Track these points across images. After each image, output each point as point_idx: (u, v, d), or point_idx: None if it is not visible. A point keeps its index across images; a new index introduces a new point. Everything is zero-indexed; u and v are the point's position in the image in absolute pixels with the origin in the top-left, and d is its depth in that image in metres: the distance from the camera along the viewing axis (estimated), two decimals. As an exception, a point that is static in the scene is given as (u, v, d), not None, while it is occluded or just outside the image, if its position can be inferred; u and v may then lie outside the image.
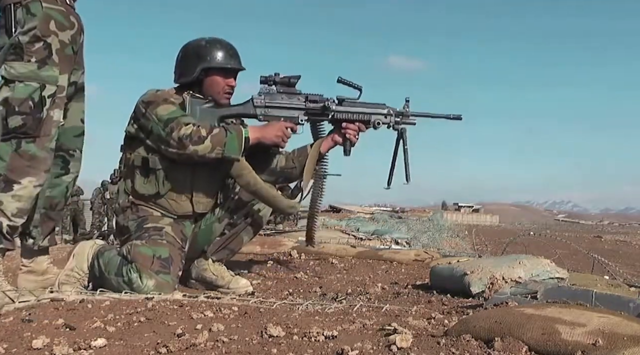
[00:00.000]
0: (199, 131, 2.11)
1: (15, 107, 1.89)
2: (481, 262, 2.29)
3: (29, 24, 1.94)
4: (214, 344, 1.20)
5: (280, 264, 3.23)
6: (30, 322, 1.40)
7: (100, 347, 1.19)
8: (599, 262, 3.82)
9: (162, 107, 2.16)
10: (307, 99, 2.35)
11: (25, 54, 1.92)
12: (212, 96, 2.29)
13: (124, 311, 1.51)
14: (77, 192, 11.98)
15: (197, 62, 2.27)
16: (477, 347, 1.12)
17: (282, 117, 2.31)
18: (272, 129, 2.27)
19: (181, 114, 2.16)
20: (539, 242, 5.65)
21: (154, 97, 2.21)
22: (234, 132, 2.16)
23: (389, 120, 2.39)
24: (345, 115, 2.37)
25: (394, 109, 2.40)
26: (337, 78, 2.35)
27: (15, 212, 1.89)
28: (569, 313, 1.16)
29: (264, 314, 1.55)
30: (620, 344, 1.01)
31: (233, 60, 2.32)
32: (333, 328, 1.28)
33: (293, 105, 2.34)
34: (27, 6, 1.95)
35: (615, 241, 13.40)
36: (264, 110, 2.31)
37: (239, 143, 2.16)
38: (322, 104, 2.35)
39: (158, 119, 2.14)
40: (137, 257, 2.05)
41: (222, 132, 2.14)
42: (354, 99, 2.38)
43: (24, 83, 1.91)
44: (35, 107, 1.93)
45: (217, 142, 2.12)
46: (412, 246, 5.66)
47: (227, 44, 2.35)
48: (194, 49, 2.31)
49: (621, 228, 34.36)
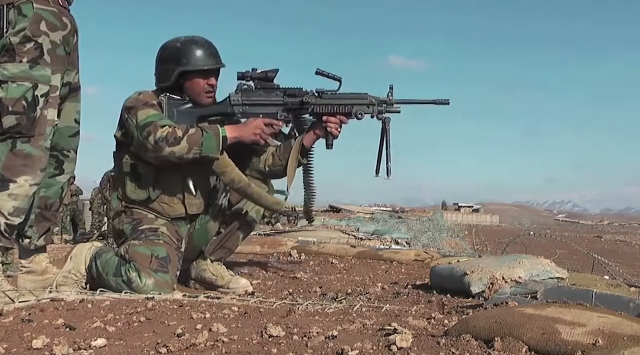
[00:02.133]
0: (174, 132, 2.09)
1: (8, 107, 1.91)
2: (481, 262, 2.29)
3: (20, 25, 1.95)
4: (214, 344, 1.20)
5: (280, 264, 3.23)
6: (30, 322, 1.40)
7: (100, 347, 1.19)
8: (599, 262, 3.82)
9: (141, 111, 2.15)
10: (285, 93, 2.31)
11: (17, 55, 1.94)
12: (193, 97, 2.27)
13: (124, 311, 1.51)
14: (77, 192, 11.98)
15: (174, 66, 2.24)
16: (477, 347, 1.12)
17: (260, 114, 2.28)
18: (250, 127, 2.23)
19: (158, 118, 2.14)
20: (539, 242, 5.65)
21: (134, 102, 2.19)
22: (211, 132, 2.13)
23: (371, 110, 2.32)
24: (325, 108, 2.31)
25: (376, 98, 2.33)
26: (316, 70, 2.31)
27: (12, 211, 1.89)
28: (569, 313, 1.16)
29: (264, 314, 1.55)
30: (620, 344, 1.01)
31: (211, 59, 2.28)
32: (333, 328, 1.28)
33: (271, 101, 2.30)
34: (19, 7, 1.96)
35: (615, 241, 13.40)
36: (241, 108, 2.28)
37: (216, 142, 2.13)
38: (301, 98, 2.30)
39: (137, 124, 2.13)
40: (135, 256, 2.04)
41: (199, 132, 2.12)
42: (334, 90, 2.33)
43: (17, 83, 1.92)
44: (29, 106, 1.95)
45: (194, 142, 2.10)
46: (412, 246, 5.66)
47: (203, 42, 2.30)
48: (170, 51, 2.28)
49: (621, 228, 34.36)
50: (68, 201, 11.44)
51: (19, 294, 1.80)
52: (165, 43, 2.32)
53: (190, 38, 2.30)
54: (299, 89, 2.32)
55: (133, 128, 2.14)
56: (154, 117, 2.14)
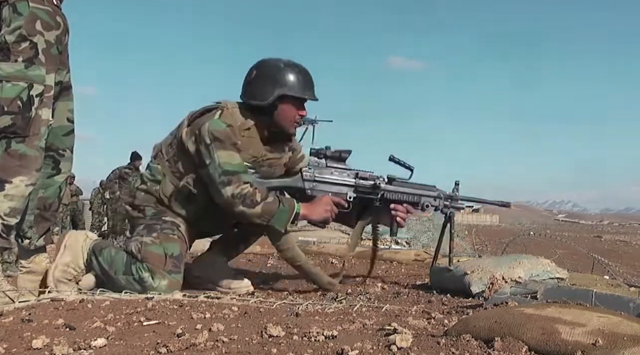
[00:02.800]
0: (254, 194, 2.05)
1: (4, 107, 1.91)
2: (481, 262, 2.29)
3: (15, 23, 1.94)
4: (214, 344, 1.20)
5: (280, 264, 3.23)
6: (30, 322, 1.40)
7: (100, 347, 1.19)
8: (599, 262, 3.82)
9: (228, 153, 2.07)
10: (357, 175, 2.30)
11: (12, 54, 1.93)
12: (282, 123, 2.23)
13: (124, 311, 1.51)
14: (77, 192, 11.98)
15: (273, 87, 2.17)
16: (477, 347, 1.12)
17: (330, 192, 2.26)
18: (321, 206, 2.21)
19: (243, 170, 2.09)
20: (539, 242, 5.65)
21: (224, 136, 2.08)
22: (287, 206, 2.11)
23: (437, 203, 2.34)
24: (395, 195, 2.31)
25: (443, 192, 2.36)
26: (389, 156, 2.31)
27: (8, 212, 1.89)
28: (569, 313, 1.16)
29: (264, 314, 1.55)
30: (620, 344, 1.01)
31: (310, 90, 2.25)
32: (333, 328, 1.28)
33: (343, 182, 2.29)
34: (14, 5, 1.96)
35: (615, 241, 13.39)
36: (312, 184, 2.26)
37: (287, 217, 2.11)
38: (373, 182, 2.29)
39: (219, 165, 2.05)
40: (148, 257, 2.02)
41: (275, 202, 2.09)
42: (404, 179, 2.33)
43: (12, 83, 1.92)
44: (24, 106, 1.94)
45: (268, 211, 2.07)
46: (412, 246, 5.66)
47: (304, 70, 2.27)
48: (271, 70, 2.21)
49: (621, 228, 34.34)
50: (68, 201, 11.45)
51: (19, 294, 1.80)
52: (266, 60, 2.26)
53: (293, 62, 2.25)
54: (370, 172, 2.33)
55: (213, 163, 2.06)
56: (239, 167, 2.08)
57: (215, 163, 2.05)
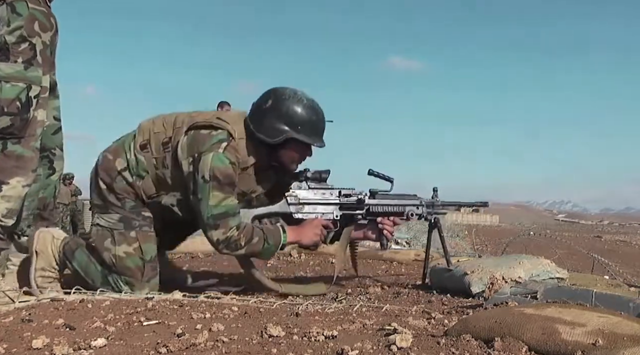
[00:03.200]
0: (238, 240, 2.04)
1: (3, 107, 1.91)
2: (481, 262, 2.29)
3: (15, 23, 1.95)
4: (214, 344, 1.20)
5: (280, 264, 3.23)
6: (30, 322, 1.40)
7: (100, 347, 1.19)
8: (599, 262, 3.82)
9: (223, 195, 2.02)
10: (340, 193, 2.31)
11: (12, 55, 1.94)
12: (284, 161, 2.21)
13: (124, 311, 1.51)
14: (76, 192, 11.97)
15: (285, 126, 2.11)
16: (477, 347, 1.12)
17: (316, 213, 2.27)
18: (310, 230, 2.21)
19: (233, 212, 2.04)
20: (539, 242, 5.65)
21: (224, 176, 2.01)
22: (272, 243, 2.10)
23: (421, 211, 2.36)
24: (380, 208, 2.33)
25: (425, 200, 2.39)
26: (368, 170, 2.33)
27: (5, 213, 1.90)
28: (569, 313, 1.16)
29: (264, 314, 1.55)
30: (620, 344, 1.01)
31: (318, 136, 2.22)
32: (333, 328, 1.28)
33: (327, 201, 2.29)
34: (13, 5, 1.97)
35: (615, 241, 13.39)
36: (298, 207, 2.26)
37: (274, 251, 2.14)
38: (357, 198, 2.30)
39: (211, 207, 2.01)
40: (125, 271, 2.03)
41: (260, 242, 2.08)
42: (386, 191, 2.34)
43: (11, 83, 1.92)
44: (23, 107, 1.95)
45: (252, 252, 2.09)
46: (412, 246, 5.66)
47: (322, 115, 2.22)
48: (287, 109, 2.13)
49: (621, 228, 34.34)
50: (68, 201, 11.44)
51: (19, 294, 1.80)
52: (284, 92, 2.16)
53: (312, 105, 2.17)
54: (352, 189, 2.33)
55: (203, 200, 2.01)
56: (230, 209, 2.04)
57: (208, 203, 2.01)
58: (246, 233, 2.06)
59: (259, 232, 2.09)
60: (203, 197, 2.01)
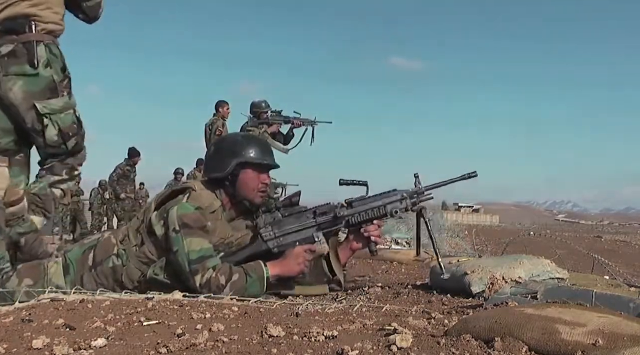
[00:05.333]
0: (217, 279, 2.01)
1: (68, 133, 2.50)
2: (481, 262, 2.29)
3: (56, 64, 2.47)
4: (214, 344, 1.20)
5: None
6: (30, 322, 1.40)
7: (100, 347, 1.19)
8: (599, 262, 3.82)
9: (196, 239, 2.04)
10: (315, 213, 2.25)
11: (59, 91, 2.46)
12: (245, 194, 2.22)
13: (124, 311, 1.51)
14: (77, 192, 11.98)
15: (231, 157, 2.20)
16: (477, 347, 1.12)
17: (296, 241, 2.21)
18: (292, 260, 2.17)
19: (209, 254, 2.06)
20: (539, 242, 5.65)
21: (192, 221, 2.06)
22: (254, 275, 2.06)
23: (404, 204, 2.26)
24: (360, 216, 2.24)
25: (406, 191, 2.28)
26: (339, 181, 2.26)
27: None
28: (569, 313, 1.16)
29: (264, 314, 1.56)
30: (620, 344, 1.01)
31: (268, 157, 2.27)
32: (333, 328, 1.28)
33: (304, 226, 2.23)
34: (49, 46, 2.44)
35: (615, 241, 13.38)
36: (276, 241, 2.20)
37: (260, 286, 2.07)
38: (333, 214, 2.24)
39: (188, 252, 2.02)
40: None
41: (242, 278, 2.04)
42: (362, 196, 2.27)
43: (64, 113, 2.48)
44: (78, 126, 2.55)
45: (237, 289, 2.02)
46: (412, 246, 5.66)
47: (262, 140, 2.35)
48: (228, 143, 2.29)
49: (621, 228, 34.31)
50: (68, 201, 11.42)
51: (19, 293, 1.80)
52: (223, 137, 2.41)
53: (250, 135, 2.39)
54: (327, 205, 2.27)
55: (181, 251, 2.03)
56: (205, 252, 2.05)
57: (184, 251, 2.02)
58: (224, 271, 2.03)
59: (238, 268, 2.07)
60: (178, 248, 2.03)
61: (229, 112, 7.76)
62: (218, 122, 7.54)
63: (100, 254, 2.15)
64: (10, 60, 2.38)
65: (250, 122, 6.64)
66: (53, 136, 2.45)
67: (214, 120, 7.58)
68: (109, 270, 2.11)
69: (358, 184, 2.27)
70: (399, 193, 2.28)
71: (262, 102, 6.80)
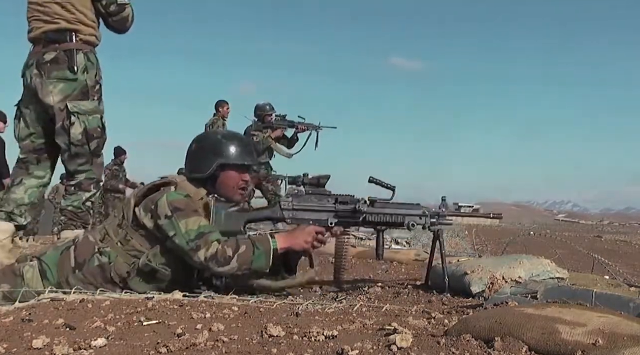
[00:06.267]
0: (224, 252, 1.99)
1: (93, 134, 2.81)
2: (481, 261, 2.29)
3: (92, 71, 2.81)
4: (214, 343, 1.20)
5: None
6: (30, 322, 1.40)
7: (100, 347, 1.19)
8: (599, 262, 3.82)
9: (192, 219, 2.04)
10: (337, 200, 2.25)
11: (90, 95, 2.79)
12: (225, 192, 2.23)
13: (124, 311, 1.51)
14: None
15: (213, 158, 2.20)
16: (477, 347, 1.12)
17: (311, 220, 2.22)
18: (302, 235, 2.16)
19: (208, 230, 2.05)
20: (539, 242, 5.65)
21: (184, 205, 2.07)
22: (261, 247, 2.05)
23: (423, 221, 2.26)
24: (377, 217, 2.25)
25: (429, 209, 2.29)
26: (369, 178, 2.26)
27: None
28: (569, 313, 1.16)
29: (264, 313, 1.55)
30: (620, 343, 1.01)
31: (249, 156, 2.28)
32: (333, 328, 1.28)
33: (323, 208, 2.24)
34: (87, 54, 2.80)
35: (615, 241, 13.37)
36: (292, 212, 2.22)
37: (266, 259, 2.05)
38: (353, 206, 2.23)
39: (186, 232, 2.01)
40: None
41: (249, 249, 2.03)
42: (386, 199, 2.27)
43: (92, 116, 2.80)
44: (102, 131, 2.88)
45: (244, 261, 2.01)
46: (412, 246, 5.66)
47: (243, 139, 2.34)
48: (210, 143, 2.27)
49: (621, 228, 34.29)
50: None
51: (19, 293, 1.81)
52: (203, 134, 2.36)
53: (230, 133, 2.36)
54: (351, 196, 2.27)
55: (179, 233, 2.01)
56: (205, 228, 2.04)
57: (181, 232, 2.01)
58: (231, 243, 2.02)
59: (245, 240, 2.05)
60: (175, 231, 2.01)
61: (229, 112, 7.77)
62: (218, 121, 7.55)
63: (82, 254, 2.11)
64: (53, 66, 2.73)
65: (254, 125, 6.62)
66: (78, 134, 2.75)
67: (214, 120, 7.59)
68: (96, 268, 2.07)
69: (386, 186, 2.27)
70: (422, 209, 2.29)
71: (267, 104, 6.77)
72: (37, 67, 2.75)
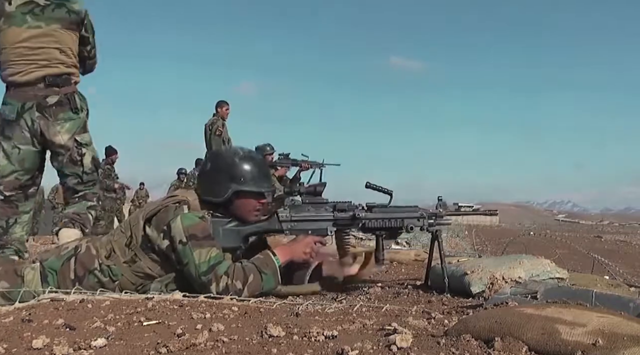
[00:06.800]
0: (234, 286, 1.97)
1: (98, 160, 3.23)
2: (481, 262, 2.29)
3: (84, 108, 3.10)
4: (214, 344, 1.20)
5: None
6: (30, 322, 1.40)
7: (100, 347, 1.19)
8: (599, 262, 3.82)
9: (205, 249, 1.99)
10: (334, 208, 2.25)
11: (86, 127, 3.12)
12: (240, 214, 2.18)
13: (124, 311, 1.51)
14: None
15: (228, 182, 2.14)
16: (477, 347, 1.12)
17: (309, 230, 2.21)
18: (301, 246, 2.16)
19: (219, 261, 2.00)
20: (539, 242, 5.66)
21: (200, 231, 2.02)
22: (269, 272, 2.04)
23: (422, 222, 2.27)
24: (376, 222, 2.25)
25: (426, 211, 2.30)
26: (366, 183, 2.26)
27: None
28: (569, 313, 1.16)
29: (264, 314, 1.56)
30: (620, 344, 1.01)
31: (266, 181, 2.22)
32: (333, 328, 1.28)
33: (321, 217, 2.23)
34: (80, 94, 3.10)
35: (615, 241, 13.39)
36: (290, 224, 2.21)
37: (275, 279, 2.06)
38: (352, 213, 2.23)
39: (198, 265, 1.97)
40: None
41: (257, 277, 2.01)
42: (384, 204, 2.28)
43: (92, 145, 3.15)
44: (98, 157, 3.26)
45: (255, 289, 2.00)
46: (412, 246, 5.66)
47: (259, 162, 2.26)
48: (226, 165, 2.18)
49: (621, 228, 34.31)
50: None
51: (20, 293, 1.81)
52: (220, 152, 2.32)
53: (248, 155, 2.22)
54: (349, 203, 2.26)
55: (191, 262, 1.98)
56: (216, 259, 2.00)
57: (194, 263, 1.98)
58: (238, 275, 1.99)
59: (251, 267, 2.03)
60: (188, 260, 1.98)
61: (229, 112, 7.77)
62: (218, 122, 7.55)
63: (82, 268, 2.07)
64: (58, 108, 2.98)
65: None
66: (89, 163, 3.10)
67: (214, 121, 7.59)
68: (96, 285, 2.04)
69: (384, 191, 2.27)
70: (420, 211, 2.29)
71: (267, 145, 6.73)
72: (39, 110, 2.95)
